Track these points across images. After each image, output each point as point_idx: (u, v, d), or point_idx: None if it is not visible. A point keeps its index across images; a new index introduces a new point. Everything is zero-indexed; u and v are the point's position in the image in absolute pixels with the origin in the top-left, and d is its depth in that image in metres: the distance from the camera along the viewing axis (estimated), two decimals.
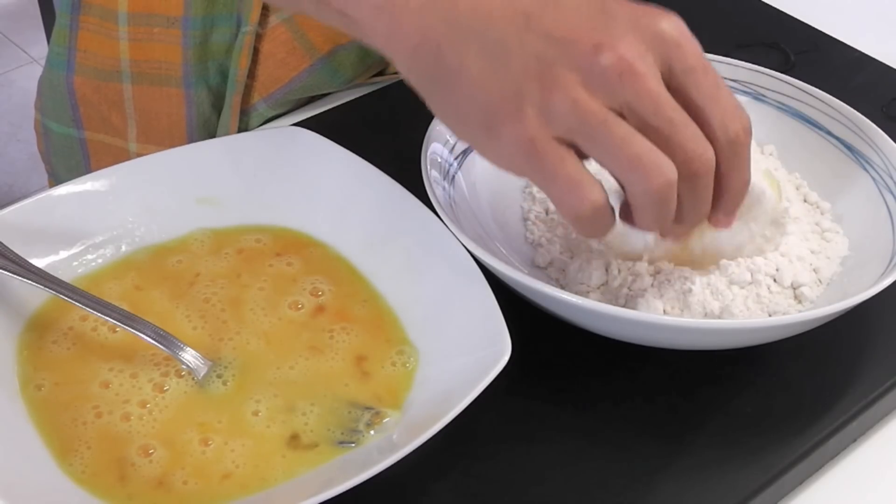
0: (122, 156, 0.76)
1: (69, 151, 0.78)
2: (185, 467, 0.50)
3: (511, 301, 0.54)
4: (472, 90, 0.48)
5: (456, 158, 0.64)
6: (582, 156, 0.48)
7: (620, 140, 0.46)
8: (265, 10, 0.72)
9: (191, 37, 0.71)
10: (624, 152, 0.46)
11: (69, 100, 0.76)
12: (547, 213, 0.64)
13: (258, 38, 0.72)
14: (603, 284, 0.58)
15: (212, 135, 0.75)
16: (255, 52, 0.73)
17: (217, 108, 0.74)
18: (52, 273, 0.55)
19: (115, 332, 0.55)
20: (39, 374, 0.53)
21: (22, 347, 0.54)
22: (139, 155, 0.75)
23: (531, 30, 0.47)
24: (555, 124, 0.47)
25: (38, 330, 0.55)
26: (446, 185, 0.61)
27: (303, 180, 0.62)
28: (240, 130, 0.75)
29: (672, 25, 0.48)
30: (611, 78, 0.46)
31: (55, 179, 0.83)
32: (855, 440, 0.56)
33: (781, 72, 0.68)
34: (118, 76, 0.73)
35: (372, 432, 0.52)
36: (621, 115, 0.47)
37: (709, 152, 0.48)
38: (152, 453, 0.50)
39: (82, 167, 0.78)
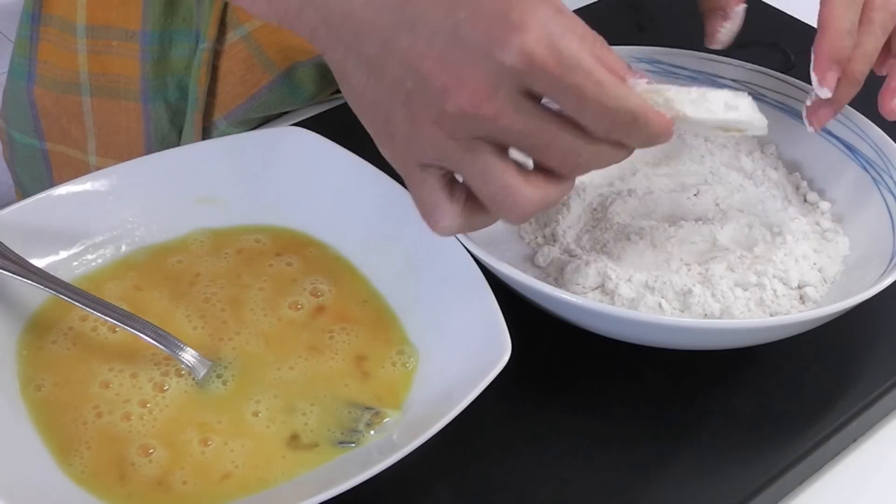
0: (83, 168, 0.75)
1: (32, 161, 0.78)
2: (184, 467, 0.50)
3: (511, 301, 0.54)
4: (356, 100, 0.48)
5: None
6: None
7: (478, 176, 0.46)
8: (223, 27, 0.71)
9: (149, 51, 0.71)
10: (482, 190, 0.46)
11: (30, 111, 0.76)
12: None
13: (217, 55, 0.72)
14: (599, 286, 0.58)
15: None
16: (214, 69, 0.72)
17: (176, 123, 0.74)
18: (52, 273, 0.55)
19: (114, 332, 0.55)
20: (39, 375, 0.53)
21: (22, 348, 0.54)
22: (99, 168, 0.74)
23: (391, 54, 0.45)
24: (419, 153, 0.47)
25: (37, 330, 0.55)
26: None
27: (303, 180, 0.62)
28: None
29: (521, 50, 0.43)
30: (461, 120, 0.45)
31: (20, 188, 0.82)
32: (855, 440, 0.56)
33: (781, 72, 0.68)
34: (77, 88, 0.72)
35: (372, 432, 0.52)
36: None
37: (582, 156, 0.46)
38: (152, 453, 0.50)
39: (45, 177, 0.78)
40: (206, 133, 0.74)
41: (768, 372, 0.57)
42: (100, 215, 0.60)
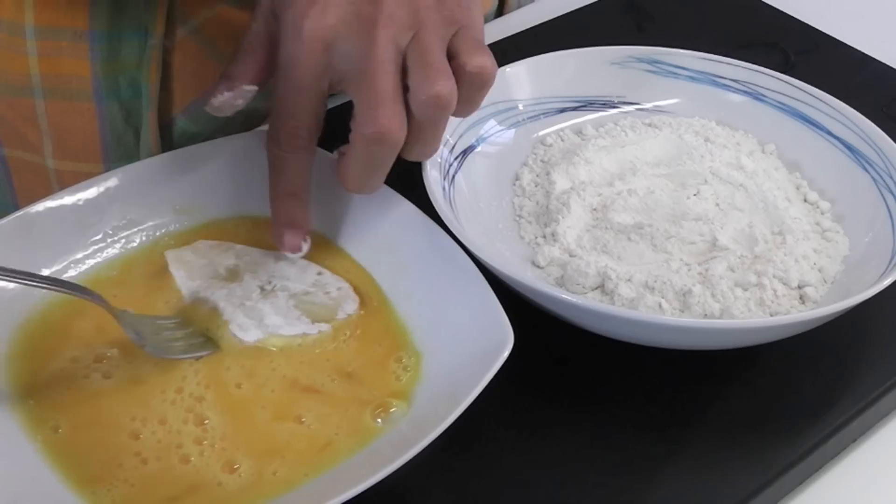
0: (41, 173, 0.74)
1: None
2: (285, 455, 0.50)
3: (511, 301, 0.54)
4: None
5: (456, 158, 0.64)
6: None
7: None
8: (171, 22, 0.70)
9: (98, 50, 0.70)
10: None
11: None
12: (538, 203, 0.64)
13: (167, 51, 0.71)
14: (599, 286, 0.58)
15: (128, 151, 0.73)
16: (167, 65, 0.71)
17: (131, 123, 0.73)
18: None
19: (109, 378, 0.53)
20: (53, 415, 0.52)
21: (15, 382, 0.53)
22: (57, 172, 0.73)
23: None
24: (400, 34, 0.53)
25: (32, 363, 0.54)
26: (446, 186, 0.61)
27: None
28: (163, 147, 0.73)
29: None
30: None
31: None
32: (855, 440, 0.56)
33: (781, 72, 0.68)
34: (30, 92, 0.71)
35: (378, 421, 0.52)
36: None
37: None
38: (237, 468, 0.50)
39: (5, 184, 0.77)
40: (164, 131, 0.73)
41: (768, 372, 0.57)
42: (79, 230, 0.59)
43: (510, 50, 0.77)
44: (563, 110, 0.70)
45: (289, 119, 0.54)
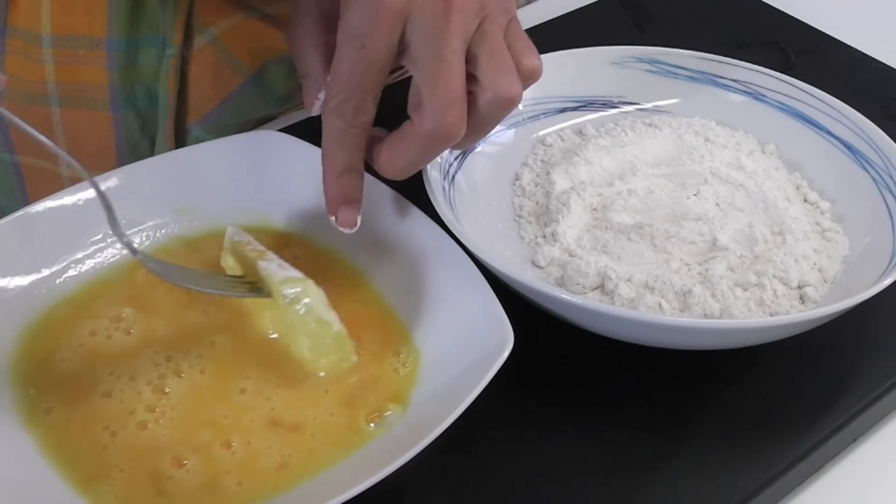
0: (55, 180, 0.74)
1: (4, 175, 0.76)
2: (230, 471, 0.50)
3: (511, 301, 0.54)
4: None
5: (456, 158, 0.64)
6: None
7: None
8: (189, 32, 0.70)
9: (115, 59, 0.69)
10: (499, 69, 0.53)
11: None
12: (538, 203, 0.64)
13: (185, 60, 0.71)
14: (599, 286, 0.58)
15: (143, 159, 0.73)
16: (183, 75, 0.71)
17: (147, 131, 0.73)
18: (35, 291, 0.54)
19: (129, 333, 0.55)
20: (46, 397, 0.52)
21: (19, 370, 0.53)
22: (71, 179, 0.73)
23: None
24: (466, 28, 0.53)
25: (40, 350, 0.54)
26: (446, 186, 0.61)
27: (283, 182, 0.61)
28: None
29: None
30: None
31: None
32: (855, 440, 0.56)
33: (781, 72, 0.68)
34: (45, 100, 0.71)
35: (371, 426, 0.51)
36: None
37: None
38: (186, 464, 0.49)
39: (18, 191, 0.76)
40: (179, 140, 0.73)
41: (768, 372, 0.57)
42: (79, 230, 0.59)
43: None
44: (563, 110, 0.70)
45: (358, 91, 0.52)
